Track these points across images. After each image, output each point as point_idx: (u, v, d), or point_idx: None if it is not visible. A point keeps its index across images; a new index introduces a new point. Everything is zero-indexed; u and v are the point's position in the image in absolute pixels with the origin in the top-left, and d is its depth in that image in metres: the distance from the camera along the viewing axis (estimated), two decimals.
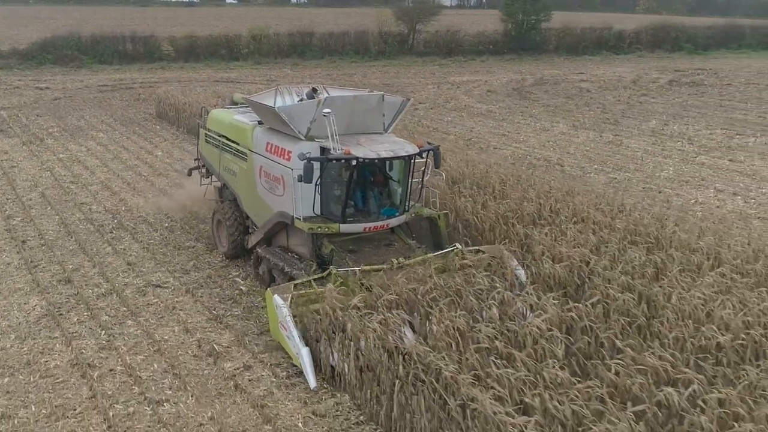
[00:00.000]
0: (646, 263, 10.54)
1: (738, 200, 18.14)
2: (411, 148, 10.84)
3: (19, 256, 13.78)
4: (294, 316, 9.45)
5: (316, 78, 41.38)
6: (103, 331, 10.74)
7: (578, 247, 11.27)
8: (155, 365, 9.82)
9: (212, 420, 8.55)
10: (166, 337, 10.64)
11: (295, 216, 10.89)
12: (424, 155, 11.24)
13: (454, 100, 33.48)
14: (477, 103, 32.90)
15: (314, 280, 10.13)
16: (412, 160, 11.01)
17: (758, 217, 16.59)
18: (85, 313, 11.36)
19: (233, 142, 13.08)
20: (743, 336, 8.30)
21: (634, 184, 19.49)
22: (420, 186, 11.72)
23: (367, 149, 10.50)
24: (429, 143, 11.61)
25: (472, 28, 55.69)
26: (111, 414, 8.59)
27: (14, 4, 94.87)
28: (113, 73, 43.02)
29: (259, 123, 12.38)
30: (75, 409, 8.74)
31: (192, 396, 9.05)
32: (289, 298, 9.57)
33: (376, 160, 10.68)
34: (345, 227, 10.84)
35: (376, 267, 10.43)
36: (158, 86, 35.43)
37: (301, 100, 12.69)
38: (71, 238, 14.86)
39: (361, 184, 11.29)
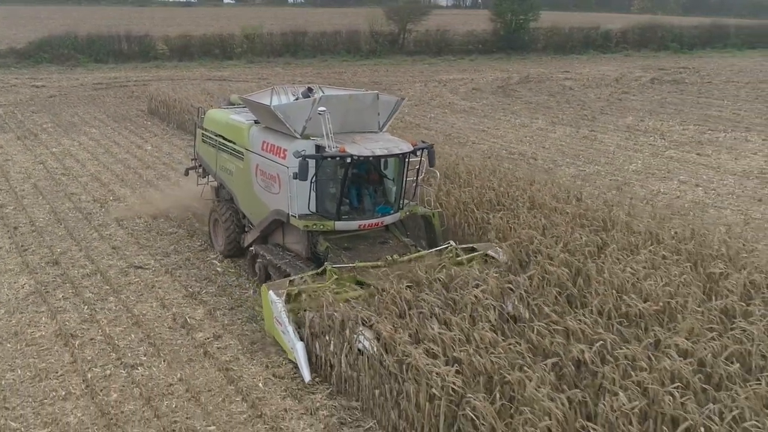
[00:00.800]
0: (588, 243, 11.39)
1: (699, 191, 19.00)
2: (405, 147, 10.99)
3: (11, 240, 14.64)
4: (289, 312, 9.62)
5: (307, 76, 42.26)
6: (86, 306, 11.61)
7: (528, 229, 12.14)
8: (132, 335, 10.69)
9: (181, 381, 9.41)
10: (144, 312, 11.49)
11: (290, 214, 11.00)
12: (419, 153, 11.39)
13: (439, 97, 34.35)
14: (461, 101, 33.78)
15: (309, 276, 10.25)
16: (407, 159, 11.15)
17: (715, 206, 17.47)
18: (71, 291, 12.23)
19: (230, 141, 13.20)
20: (661, 304, 9.17)
21: (602, 176, 20.36)
22: (415, 184, 11.86)
23: (362, 147, 10.64)
24: (423, 142, 11.71)
25: (462, 28, 56.61)
26: (89, 376, 9.46)
27: (14, 4, 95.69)
28: (108, 72, 43.87)
29: (255, 122, 12.55)
30: (57, 372, 9.60)
31: (164, 361, 9.91)
32: (284, 294, 9.73)
33: (371, 158, 10.83)
34: (340, 225, 10.97)
35: (370, 264, 10.56)
36: (152, 84, 36.27)
37: (296, 99, 12.75)
38: (60, 224, 15.72)
39: (356, 182, 11.39)
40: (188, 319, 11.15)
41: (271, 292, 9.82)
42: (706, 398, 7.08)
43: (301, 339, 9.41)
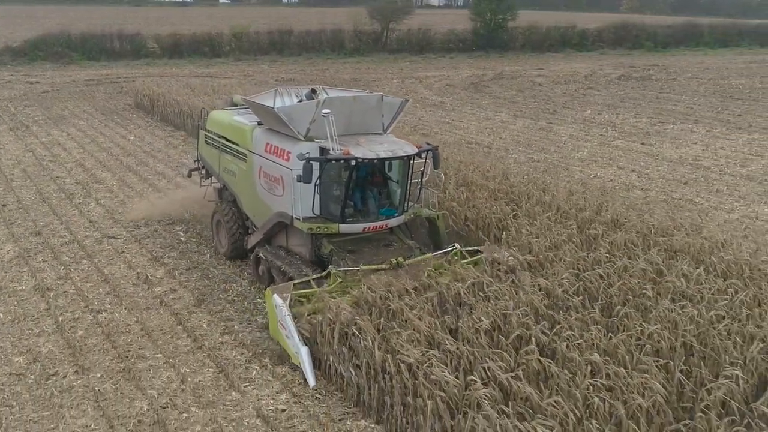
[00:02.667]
0: (499, 210, 13.17)
1: (633, 175, 20.73)
2: (410, 149, 10.91)
3: None
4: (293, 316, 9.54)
5: (291, 73, 44.03)
6: (62, 267, 13.34)
7: (452, 201, 13.90)
8: (100, 289, 12.42)
9: (138, 323, 11.15)
10: (113, 272, 13.22)
11: (294, 216, 10.96)
12: (423, 156, 11.36)
13: (413, 92, 36.04)
14: (433, 96, 35.51)
15: (313, 279, 10.31)
16: (411, 161, 11.07)
17: (642, 188, 19.18)
18: (50, 255, 13.96)
19: (233, 143, 13.09)
20: (541, 256, 10.95)
21: (549, 163, 22.07)
22: (419, 186, 11.79)
23: (366, 149, 10.55)
24: (428, 144, 11.63)
25: (444, 27, 58.39)
26: (60, 319, 11.19)
27: (13, 4, 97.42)
28: (100, 69, 45.56)
29: (259, 124, 12.45)
30: (33, 316, 11.34)
31: (125, 308, 11.65)
32: (288, 298, 9.68)
33: (375, 161, 10.76)
34: (344, 227, 10.89)
35: (375, 267, 10.49)
36: (139, 80, 37.96)
37: (300, 101, 12.62)
38: (45, 203, 17.44)
39: (360, 185, 11.28)
40: (149, 277, 12.90)
41: (275, 296, 9.74)
42: (548, 320, 8.82)
43: (305, 343, 9.35)
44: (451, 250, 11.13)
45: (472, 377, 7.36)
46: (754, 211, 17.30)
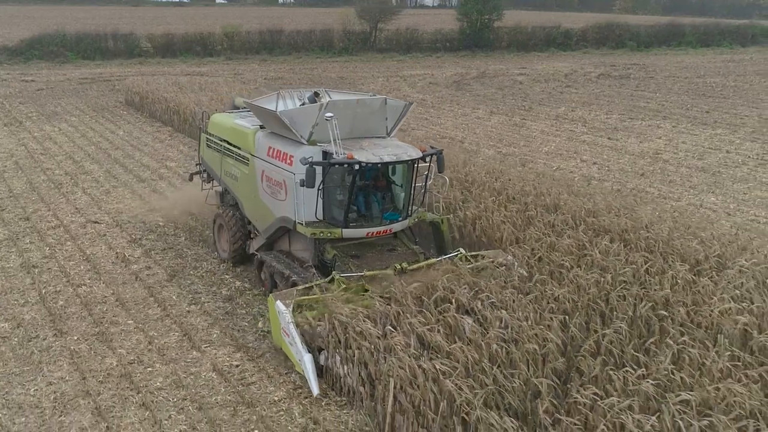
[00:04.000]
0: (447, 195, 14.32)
1: (594, 168, 21.86)
2: (414, 153, 10.77)
3: None
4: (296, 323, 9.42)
5: (280, 72, 45.22)
6: (48, 248, 14.47)
7: None
8: (81, 267, 13.56)
9: (113, 295, 12.28)
10: (94, 252, 14.35)
11: (297, 221, 10.84)
12: (428, 159, 11.23)
13: (396, 90, 37.17)
14: (416, 93, 36.64)
15: (317, 285, 10.19)
16: (416, 165, 10.96)
17: (600, 179, 20.32)
18: (37, 238, 15.09)
19: (234, 146, 13.00)
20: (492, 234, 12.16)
21: (517, 156, 23.21)
22: (423, 190, 11.70)
23: (370, 153, 10.41)
24: (432, 147, 11.49)
25: (432, 27, 59.61)
26: (43, 291, 12.32)
27: (11, 4, 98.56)
28: (94, 68, 46.71)
29: (261, 127, 12.36)
30: (19, 289, 12.47)
31: (103, 283, 12.79)
32: (292, 305, 9.59)
33: (379, 165, 10.65)
34: (348, 232, 10.76)
35: (379, 272, 10.46)
36: (129, 78, 39.10)
37: (303, 104, 12.43)
38: (34, 192, 18.57)
39: (363, 189, 11.15)
40: (127, 256, 14.04)
41: (278, 302, 9.65)
42: (471, 287, 9.98)
43: (309, 351, 9.28)
44: (457, 255, 11.07)
45: (389, 328, 8.49)
46: (700, 199, 18.44)
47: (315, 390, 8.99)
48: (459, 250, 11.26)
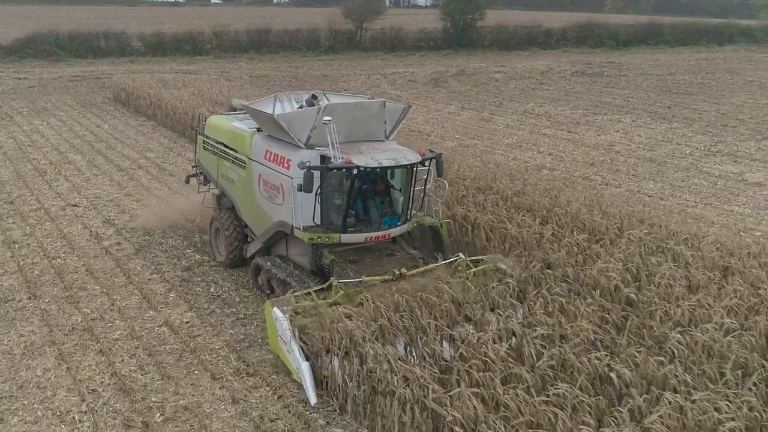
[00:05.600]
0: None
1: (548, 158, 23.28)
2: (413, 157, 10.64)
3: None
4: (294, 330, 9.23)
5: (266, 70, 46.59)
6: (28, 227, 15.87)
7: None
8: (58, 243, 14.96)
9: (84, 266, 13.69)
10: (72, 231, 15.75)
11: (294, 225, 10.73)
12: (427, 163, 11.14)
13: (375, 87, 38.58)
14: (393, 90, 38.07)
15: (315, 291, 10.10)
16: (415, 169, 10.83)
17: (551, 168, 21.73)
18: (19, 219, 16.49)
19: (231, 149, 12.86)
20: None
21: (478, 148, 24.59)
22: (422, 195, 11.59)
23: (369, 158, 10.28)
24: (431, 151, 11.42)
25: (417, 27, 61.11)
26: (21, 263, 13.72)
27: (9, 4, 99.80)
28: (86, 66, 48.10)
29: (258, 130, 12.19)
30: (0, 262, 13.89)
31: (76, 256, 14.18)
32: (289, 311, 9.43)
33: (378, 169, 10.50)
34: (346, 237, 10.63)
35: (377, 278, 10.38)
36: (116, 75, 40.51)
37: (300, 107, 12.21)
38: (20, 179, 19.96)
39: (362, 193, 10.99)
40: (100, 233, 15.46)
41: (275, 309, 9.49)
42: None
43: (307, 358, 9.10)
44: (456, 260, 10.99)
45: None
46: (639, 186, 19.85)
47: (312, 399, 8.83)
48: (458, 255, 11.14)
